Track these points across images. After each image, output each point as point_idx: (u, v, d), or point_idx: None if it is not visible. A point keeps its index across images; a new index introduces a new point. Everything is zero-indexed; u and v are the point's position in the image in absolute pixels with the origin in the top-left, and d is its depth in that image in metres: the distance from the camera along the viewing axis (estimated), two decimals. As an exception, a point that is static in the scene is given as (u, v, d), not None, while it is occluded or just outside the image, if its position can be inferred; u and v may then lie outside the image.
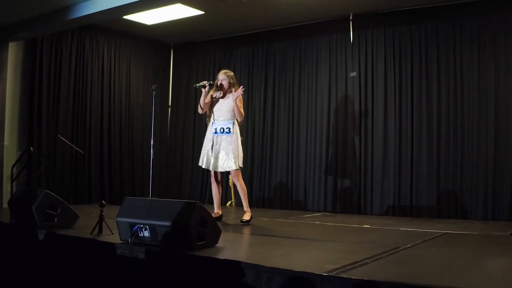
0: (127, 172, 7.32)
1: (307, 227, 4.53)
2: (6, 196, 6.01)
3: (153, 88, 4.78)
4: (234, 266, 2.63)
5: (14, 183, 5.96)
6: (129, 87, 7.47)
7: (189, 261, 2.83)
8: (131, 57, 7.52)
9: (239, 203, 6.87)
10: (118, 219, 3.23)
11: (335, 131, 6.48)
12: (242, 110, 4.56)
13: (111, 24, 6.98)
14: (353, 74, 6.38)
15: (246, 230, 4.13)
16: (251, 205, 6.84)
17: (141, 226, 3.12)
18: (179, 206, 3.03)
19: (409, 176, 5.91)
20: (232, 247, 3.20)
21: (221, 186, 4.80)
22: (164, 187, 7.86)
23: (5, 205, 6.00)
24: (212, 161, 4.53)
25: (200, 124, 7.69)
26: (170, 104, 8.03)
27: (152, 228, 3.07)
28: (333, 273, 2.41)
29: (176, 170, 7.86)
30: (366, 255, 2.92)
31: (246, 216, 4.50)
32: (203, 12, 6.30)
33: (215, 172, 4.61)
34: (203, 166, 4.66)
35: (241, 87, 4.51)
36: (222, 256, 2.82)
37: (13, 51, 6.23)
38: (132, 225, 3.15)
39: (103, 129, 7.04)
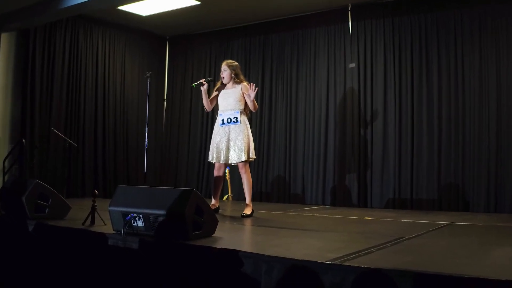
0: (121, 165, 7.19)
1: (306, 219, 4.42)
2: (-2, 190, 5.88)
3: (148, 75, 4.65)
4: (232, 255, 2.51)
5: (6, 176, 5.82)
6: (124, 80, 7.34)
7: (184, 251, 2.71)
8: (125, 49, 7.39)
9: (235, 197, 6.79)
10: (111, 208, 3.11)
11: (333, 123, 6.38)
12: (256, 103, 4.44)
13: (105, 15, 6.86)
14: (352, 65, 6.27)
15: (244, 222, 4.02)
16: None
17: (135, 215, 2.99)
18: (174, 194, 2.91)
19: (409, 169, 5.81)
20: (229, 237, 3.09)
21: (223, 180, 4.66)
22: (160, 180, 7.73)
23: (-4, 198, 5.87)
24: (223, 154, 4.37)
25: (195, 118, 7.58)
26: (165, 98, 7.90)
27: (146, 217, 2.95)
28: (337, 262, 2.30)
29: (172, 164, 7.74)
30: (369, 244, 2.82)
31: (247, 210, 4.38)
32: (199, 3, 6.18)
33: (220, 165, 4.47)
34: (214, 161, 4.48)
35: (253, 85, 4.31)
36: (216, 245, 2.71)
37: (5, 42, 6.09)
38: (125, 214, 3.02)
39: (97, 121, 6.91)
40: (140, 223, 3.00)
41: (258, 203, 6.09)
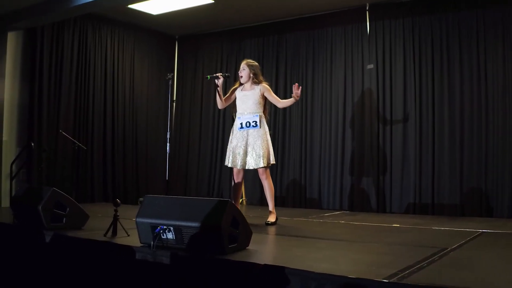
0: (130, 169, 6.98)
1: (334, 227, 4.23)
2: (5, 195, 5.67)
3: (169, 76, 4.46)
4: (277, 272, 2.33)
5: (13, 181, 5.61)
6: (133, 80, 7.13)
7: (222, 267, 2.53)
8: (134, 49, 7.18)
9: (249, 201, 6.61)
10: (138, 219, 2.92)
11: (351, 126, 6.20)
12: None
13: (114, 14, 6.66)
14: (370, 66, 6.09)
15: (271, 231, 3.83)
16: (262, 203, 6.61)
17: (164, 227, 2.80)
18: (208, 205, 2.72)
19: (430, 173, 5.64)
20: (265, 250, 2.90)
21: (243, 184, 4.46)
22: (169, 184, 7.52)
23: (4, 204, 5.66)
24: (240, 159, 4.20)
25: (206, 119, 7.39)
26: (175, 98, 7.70)
27: (178, 230, 2.76)
28: (394, 279, 2.13)
29: (181, 168, 7.54)
30: (416, 257, 2.64)
31: (272, 218, 4.21)
32: (213, 1, 5.99)
33: (238, 170, 4.28)
34: (230, 165, 4.30)
35: (297, 86, 4.05)
36: (258, 260, 2.52)
37: (12, 41, 5.85)
38: (154, 227, 2.83)
39: (106, 123, 6.70)
40: (170, 235, 2.81)
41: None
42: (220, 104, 4.44)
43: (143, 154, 7.16)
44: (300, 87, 4.12)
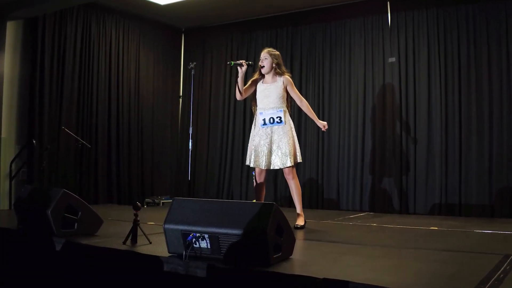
0: (135, 167, 6.59)
1: (371, 231, 3.89)
2: (4, 196, 5.28)
3: (192, 66, 4.11)
4: (340, 287, 2.00)
5: (13, 181, 5.23)
6: (138, 74, 6.75)
7: (270, 281, 2.19)
8: (140, 41, 6.80)
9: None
10: (167, 226, 2.56)
11: (371, 122, 5.89)
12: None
13: (118, 5, 6.29)
14: (392, 60, 5.79)
15: (303, 236, 3.50)
16: (276, 203, 6.28)
17: (198, 235, 2.46)
18: (251, 210, 2.38)
19: (457, 172, 5.35)
20: (311, 260, 2.57)
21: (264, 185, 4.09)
22: (176, 186, 7.18)
23: (2, 206, 5.27)
24: (264, 158, 3.85)
25: (215, 115, 7.04)
26: (181, 94, 7.34)
27: (214, 238, 2.42)
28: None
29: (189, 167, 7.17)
30: (484, 267, 2.34)
31: (300, 221, 3.87)
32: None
33: (261, 170, 3.94)
34: (252, 165, 3.94)
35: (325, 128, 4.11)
36: (311, 272, 2.19)
37: (11, 32, 5.45)
38: (185, 234, 2.48)
39: (110, 120, 6.32)
40: (204, 244, 2.46)
41: (289, 209, 5.56)
42: (239, 95, 4.06)
43: (149, 152, 6.80)
44: (326, 127, 4.18)
